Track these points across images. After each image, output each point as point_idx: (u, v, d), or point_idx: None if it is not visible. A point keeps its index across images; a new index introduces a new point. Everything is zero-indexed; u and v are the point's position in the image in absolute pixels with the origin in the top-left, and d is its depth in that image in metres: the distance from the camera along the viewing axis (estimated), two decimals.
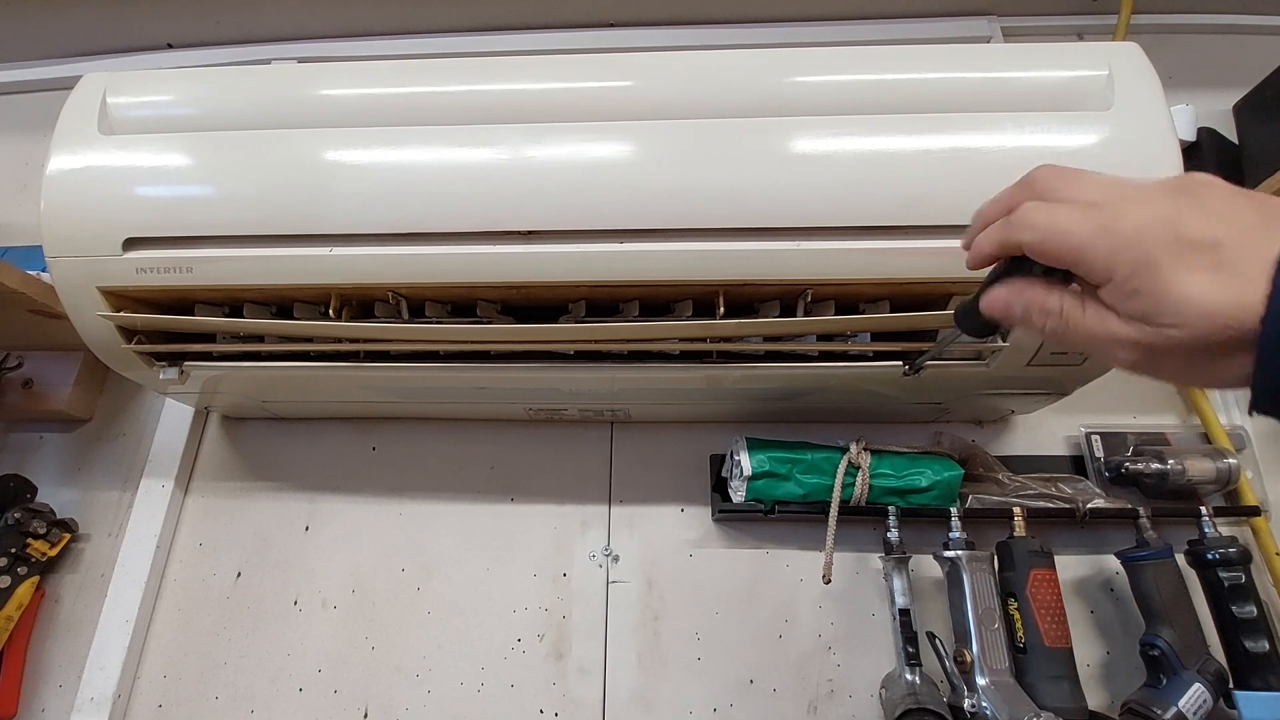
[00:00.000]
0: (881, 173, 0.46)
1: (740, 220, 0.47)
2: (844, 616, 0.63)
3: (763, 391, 0.62)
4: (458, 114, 0.51)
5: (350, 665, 0.65)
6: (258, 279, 0.51)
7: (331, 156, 0.50)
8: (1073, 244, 0.27)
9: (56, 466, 0.74)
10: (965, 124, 0.47)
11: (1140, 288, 0.26)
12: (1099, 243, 0.27)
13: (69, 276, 0.52)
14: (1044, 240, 0.28)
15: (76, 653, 0.66)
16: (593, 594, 0.66)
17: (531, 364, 0.56)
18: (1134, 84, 0.47)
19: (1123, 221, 0.26)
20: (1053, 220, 0.28)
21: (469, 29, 0.93)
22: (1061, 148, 0.46)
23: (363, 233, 0.49)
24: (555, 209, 0.48)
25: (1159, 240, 0.26)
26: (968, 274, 0.47)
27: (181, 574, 0.69)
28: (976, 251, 0.32)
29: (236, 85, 0.53)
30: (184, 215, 0.50)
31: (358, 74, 0.53)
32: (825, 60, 0.50)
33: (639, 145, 0.48)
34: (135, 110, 0.53)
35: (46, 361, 0.75)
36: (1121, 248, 0.26)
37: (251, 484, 0.73)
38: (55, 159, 0.51)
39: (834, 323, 0.49)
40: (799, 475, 0.61)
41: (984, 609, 0.56)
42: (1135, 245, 0.26)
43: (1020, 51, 0.50)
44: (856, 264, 0.47)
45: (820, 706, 0.61)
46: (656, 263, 0.48)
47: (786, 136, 0.47)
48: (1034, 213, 0.29)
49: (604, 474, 0.70)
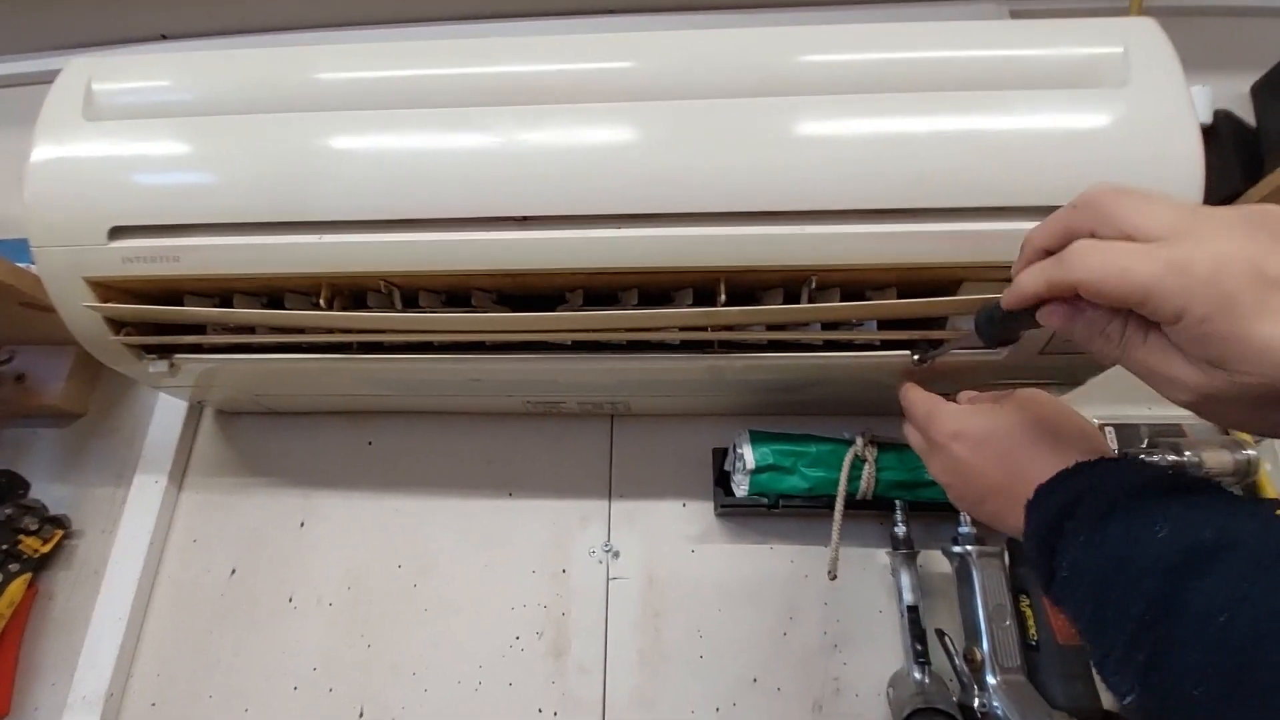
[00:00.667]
0: (888, 154, 0.45)
1: (742, 204, 0.46)
2: (850, 613, 0.62)
3: (766, 383, 0.60)
4: (450, 97, 0.49)
5: (346, 663, 0.64)
6: (246, 268, 0.50)
7: (321, 141, 0.48)
8: (1137, 285, 0.25)
9: (49, 462, 0.74)
10: (975, 103, 0.45)
11: (1216, 332, 0.24)
12: (1168, 282, 0.24)
13: (55, 267, 0.51)
14: (1102, 282, 0.26)
15: (69, 650, 0.65)
16: (592, 591, 0.64)
17: (528, 355, 0.54)
18: (1151, 60, 0.45)
19: (1196, 258, 0.24)
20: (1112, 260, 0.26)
21: (467, 17, 0.92)
22: (1076, 127, 0.44)
23: (353, 219, 0.48)
24: (551, 194, 0.46)
25: (1239, 280, 0.23)
26: (979, 258, 0.46)
27: (175, 571, 0.68)
28: (1019, 292, 0.30)
29: (224, 69, 0.52)
30: (170, 202, 0.49)
31: (348, 57, 0.52)
32: (830, 38, 0.48)
33: (637, 128, 0.47)
34: (121, 96, 0.51)
35: (39, 356, 0.74)
36: (1196, 287, 0.24)
37: (246, 480, 0.72)
38: (39, 147, 0.50)
39: (839, 309, 0.47)
40: (804, 469, 0.59)
41: (995, 605, 0.54)
42: (1212, 285, 0.24)
43: (1032, 28, 0.48)
44: (863, 249, 0.46)
45: (826, 705, 0.59)
46: (656, 248, 0.47)
47: (790, 117, 0.46)
48: (1091, 253, 0.26)
49: (604, 468, 0.69)
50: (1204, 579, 0.25)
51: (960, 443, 0.40)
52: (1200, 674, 0.24)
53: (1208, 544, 0.26)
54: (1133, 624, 0.26)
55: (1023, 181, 0.44)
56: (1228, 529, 0.26)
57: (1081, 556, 0.29)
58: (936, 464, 0.42)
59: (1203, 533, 0.26)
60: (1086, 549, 0.29)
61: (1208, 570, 0.25)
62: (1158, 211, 0.26)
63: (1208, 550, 0.26)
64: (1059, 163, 0.43)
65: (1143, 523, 0.28)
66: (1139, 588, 0.27)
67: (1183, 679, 0.25)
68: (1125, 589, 0.27)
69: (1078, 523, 0.30)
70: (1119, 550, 0.28)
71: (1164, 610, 0.26)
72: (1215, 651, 0.24)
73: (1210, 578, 0.25)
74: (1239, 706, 0.23)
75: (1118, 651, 0.27)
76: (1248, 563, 0.25)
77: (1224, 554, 0.25)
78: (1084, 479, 0.32)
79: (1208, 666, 0.24)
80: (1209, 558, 0.25)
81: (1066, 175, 0.43)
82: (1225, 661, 0.24)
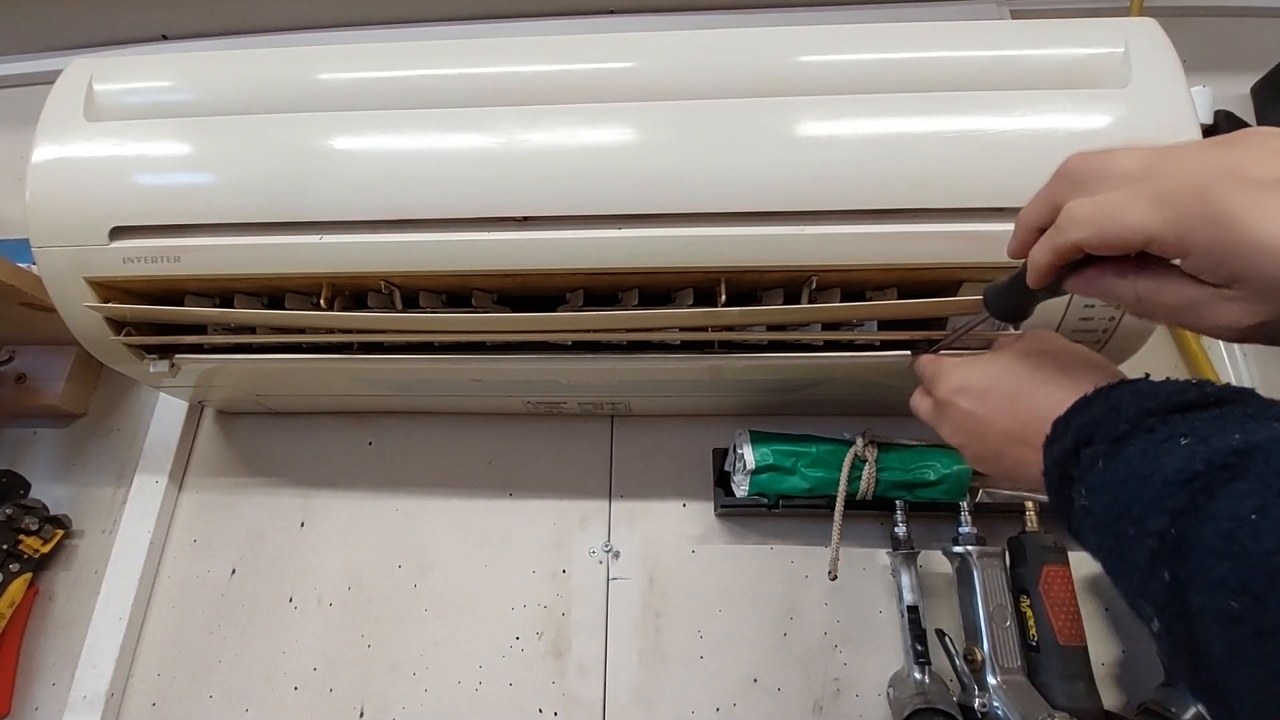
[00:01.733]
0: (889, 154, 0.45)
1: (743, 204, 0.46)
2: (850, 614, 0.62)
3: (766, 383, 0.60)
4: (451, 97, 0.49)
5: (346, 663, 0.64)
6: (247, 268, 0.50)
7: (322, 142, 0.48)
8: (1133, 226, 0.25)
9: (49, 462, 0.74)
10: (976, 103, 0.45)
11: (1220, 247, 0.23)
12: (1160, 215, 0.24)
13: (56, 267, 0.51)
14: (1100, 232, 0.26)
15: (70, 650, 0.65)
16: (593, 591, 0.64)
17: (529, 355, 0.54)
18: (1151, 60, 0.45)
19: (1178, 182, 0.24)
20: (1102, 209, 0.26)
21: (467, 17, 0.92)
22: (1077, 127, 0.44)
23: (354, 219, 0.48)
24: (551, 194, 0.47)
25: (1225, 189, 0.23)
26: (979, 258, 0.46)
27: (175, 571, 0.68)
28: (1035, 267, 0.30)
29: (225, 70, 0.52)
30: (171, 203, 0.49)
31: (349, 58, 0.52)
32: (830, 38, 0.48)
33: (637, 128, 0.47)
34: (122, 97, 0.51)
35: (40, 356, 0.74)
36: (1187, 210, 0.24)
37: (246, 480, 0.72)
38: (40, 147, 0.50)
39: (840, 310, 0.47)
40: (804, 469, 0.59)
41: (995, 606, 0.54)
42: (1201, 202, 0.24)
43: (1032, 28, 0.48)
44: (863, 249, 0.46)
45: (826, 706, 0.59)
46: (656, 249, 0.47)
47: (790, 117, 0.46)
48: (1080, 209, 0.27)
49: (604, 468, 0.69)
50: (1231, 484, 0.23)
51: (965, 396, 0.38)
52: (1230, 586, 0.22)
53: (1234, 448, 0.23)
54: (1154, 540, 0.24)
55: (1023, 182, 0.43)
56: (1256, 433, 0.24)
57: (1099, 480, 0.27)
58: (947, 426, 0.40)
59: (1229, 438, 0.24)
60: (1105, 473, 0.27)
61: (1235, 475, 0.23)
62: (1128, 156, 0.27)
63: (1235, 453, 0.23)
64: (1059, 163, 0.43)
65: (1164, 438, 0.26)
66: (1160, 502, 0.24)
67: (1212, 593, 0.22)
68: (1146, 505, 0.25)
69: (1094, 448, 0.28)
70: (1138, 467, 0.26)
71: (1188, 522, 0.23)
72: (1246, 558, 0.21)
73: (1238, 482, 0.23)
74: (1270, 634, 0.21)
75: (1139, 574, 0.25)
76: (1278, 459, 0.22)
77: (1252, 456, 0.23)
78: (1101, 404, 0.29)
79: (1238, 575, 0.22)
80: (1236, 461, 0.23)
81: None
82: (1258, 566, 0.21)
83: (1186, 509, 0.24)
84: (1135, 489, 0.26)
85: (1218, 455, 0.24)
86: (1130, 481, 0.26)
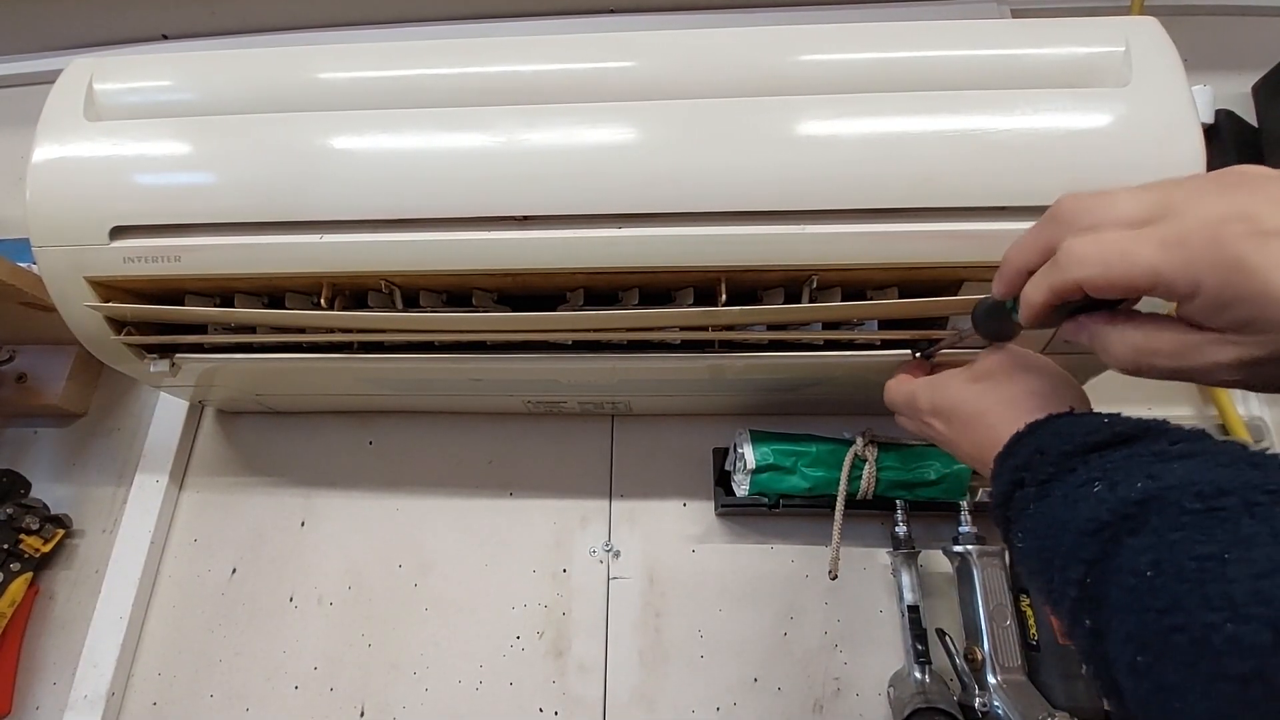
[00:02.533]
0: (889, 153, 0.45)
1: (743, 203, 0.45)
2: (851, 613, 0.62)
3: (766, 382, 0.60)
4: (451, 97, 0.49)
5: (346, 663, 0.64)
6: (247, 267, 0.50)
7: (322, 141, 0.48)
8: (1140, 267, 0.25)
9: (50, 462, 0.74)
10: (976, 102, 0.45)
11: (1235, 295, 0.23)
12: (1169, 256, 0.24)
13: (56, 266, 0.51)
14: (1106, 271, 0.26)
15: (71, 650, 0.65)
16: (593, 590, 0.64)
17: (529, 355, 0.54)
18: (1152, 59, 0.45)
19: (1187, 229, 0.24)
20: (1106, 249, 0.26)
21: (467, 17, 0.92)
22: (1077, 126, 0.44)
23: (354, 219, 0.48)
24: (551, 193, 0.46)
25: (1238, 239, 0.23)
26: (980, 258, 0.46)
27: (176, 570, 0.68)
28: (1029, 306, 0.30)
29: (226, 69, 0.52)
30: (171, 202, 0.49)
31: (349, 57, 0.52)
32: (830, 38, 0.48)
33: (637, 127, 0.46)
34: (122, 96, 0.51)
35: (40, 356, 0.74)
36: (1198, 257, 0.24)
37: (247, 479, 0.72)
38: (41, 147, 0.50)
39: (840, 309, 0.47)
40: (804, 468, 0.59)
41: (995, 605, 0.54)
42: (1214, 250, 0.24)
43: (1033, 27, 0.48)
44: (863, 248, 0.46)
45: (826, 705, 0.59)
46: (656, 248, 0.47)
47: (790, 116, 0.46)
48: (1082, 247, 0.27)
49: (604, 468, 0.69)
50: (1133, 536, 0.24)
51: (938, 418, 0.40)
52: (1135, 641, 0.23)
53: (1135, 498, 0.25)
54: (1075, 589, 0.26)
55: (1023, 181, 0.44)
56: (1158, 477, 0.25)
57: (1030, 524, 0.29)
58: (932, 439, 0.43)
59: (1134, 486, 0.25)
60: (1034, 517, 0.29)
61: (1136, 526, 0.24)
62: (1128, 198, 0.26)
63: (1136, 503, 0.25)
64: (1060, 162, 0.43)
65: (1080, 482, 0.27)
66: (1077, 552, 0.26)
67: (1122, 647, 0.23)
68: (1065, 554, 0.26)
69: (1025, 491, 0.30)
70: (1059, 514, 0.27)
71: (1100, 571, 0.25)
72: (1144, 614, 0.23)
73: (1138, 535, 0.24)
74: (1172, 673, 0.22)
75: (1067, 618, 0.26)
76: (1173, 522, 0.23)
77: (1149, 507, 0.24)
78: (1028, 445, 0.31)
79: (1141, 632, 0.23)
80: (1137, 512, 0.24)
81: (1067, 175, 0.43)
82: (1153, 624, 0.22)
83: (1098, 558, 0.25)
84: (1057, 537, 0.27)
85: (1121, 505, 0.25)
86: (1053, 528, 0.27)
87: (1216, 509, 0.23)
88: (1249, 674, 0.20)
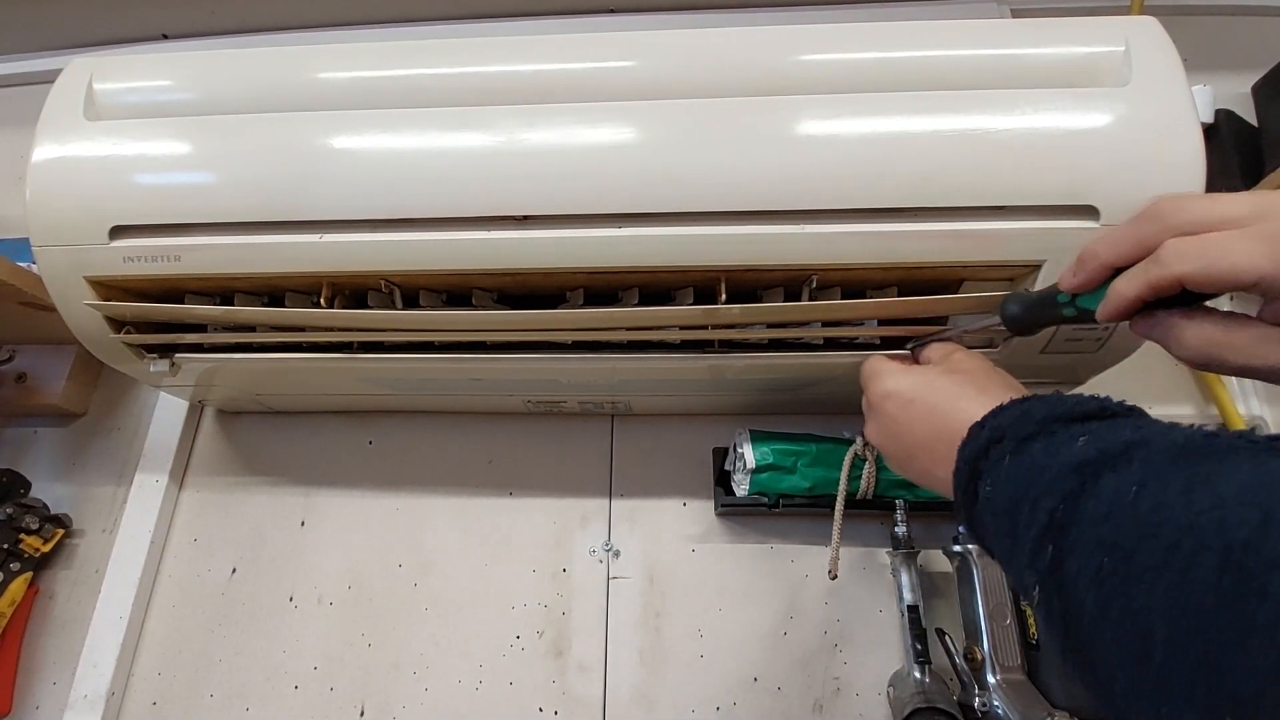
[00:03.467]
0: (889, 153, 0.45)
1: (743, 203, 0.45)
2: (851, 613, 0.62)
3: (766, 382, 0.60)
4: (451, 96, 0.49)
5: (346, 662, 0.64)
6: (247, 267, 0.50)
7: (322, 141, 0.48)
8: (1244, 264, 0.26)
9: (50, 462, 0.74)
10: (976, 102, 0.45)
11: None
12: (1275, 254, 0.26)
13: (55, 266, 0.51)
14: (1208, 268, 0.27)
15: (70, 649, 0.65)
16: (593, 590, 0.64)
17: (529, 354, 0.54)
18: (1152, 59, 0.45)
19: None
20: (1210, 247, 0.28)
21: (467, 17, 0.92)
22: (1077, 126, 0.44)
23: (354, 218, 0.48)
24: (551, 193, 0.46)
25: None
26: (980, 258, 0.46)
27: (176, 570, 0.68)
28: (1119, 298, 0.31)
29: (226, 69, 0.52)
30: (171, 202, 0.49)
31: (349, 57, 0.52)
32: (830, 38, 0.48)
33: (637, 127, 0.46)
34: (122, 96, 0.51)
35: (40, 355, 0.74)
36: None
37: (247, 479, 0.72)
38: (40, 147, 0.50)
39: (840, 308, 0.47)
40: (804, 468, 0.59)
41: (995, 605, 0.54)
42: None
43: (1032, 27, 0.48)
44: (863, 248, 0.46)
45: (826, 705, 0.59)
46: (656, 248, 0.47)
47: (791, 116, 0.46)
48: (1185, 245, 0.28)
49: (604, 468, 0.69)
50: (1115, 470, 0.26)
51: (891, 401, 0.41)
52: (1105, 545, 0.24)
53: (1124, 440, 0.26)
54: (1045, 516, 0.27)
55: (1023, 181, 0.44)
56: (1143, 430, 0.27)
57: (1004, 473, 0.30)
58: (873, 426, 0.43)
59: (1121, 435, 0.27)
60: (1010, 467, 0.30)
61: (1121, 462, 0.26)
62: (1231, 200, 0.28)
63: (1124, 444, 0.26)
64: (1060, 162, 0.43)
65: (1065, 439, 0.29)
66: (1054, 485, 0.27)
67: (1088, 557, 0.25)
68: (1041, 489, 0.27)
69: (1003, 445, 0.31)
70: (1039, 460, 0.29)
71: (1074, 501, 0.26)
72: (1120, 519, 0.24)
73: (1122, 468, 0.25)
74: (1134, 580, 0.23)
75: (1027, 548, 0.27)
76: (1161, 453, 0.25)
77: (1138, 448, 0.26)
78: (1013, 410, 0.32)
79: (1112, 535, 0.24)
80: (1123, 451, 0.26)
81: (1067, 174, 0.43)
82: (1129, 524, 0.24)
83: (1075, 491, 0.26)
84: (1034, 476, 0.28)
85: (1109, 446, 0.27)
86: (1031, 471, 0.29)
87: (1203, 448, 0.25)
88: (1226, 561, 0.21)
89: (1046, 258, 0.45)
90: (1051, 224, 0.44)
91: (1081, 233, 0.44)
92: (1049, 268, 0.45)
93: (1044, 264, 0.45)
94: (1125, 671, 0.23)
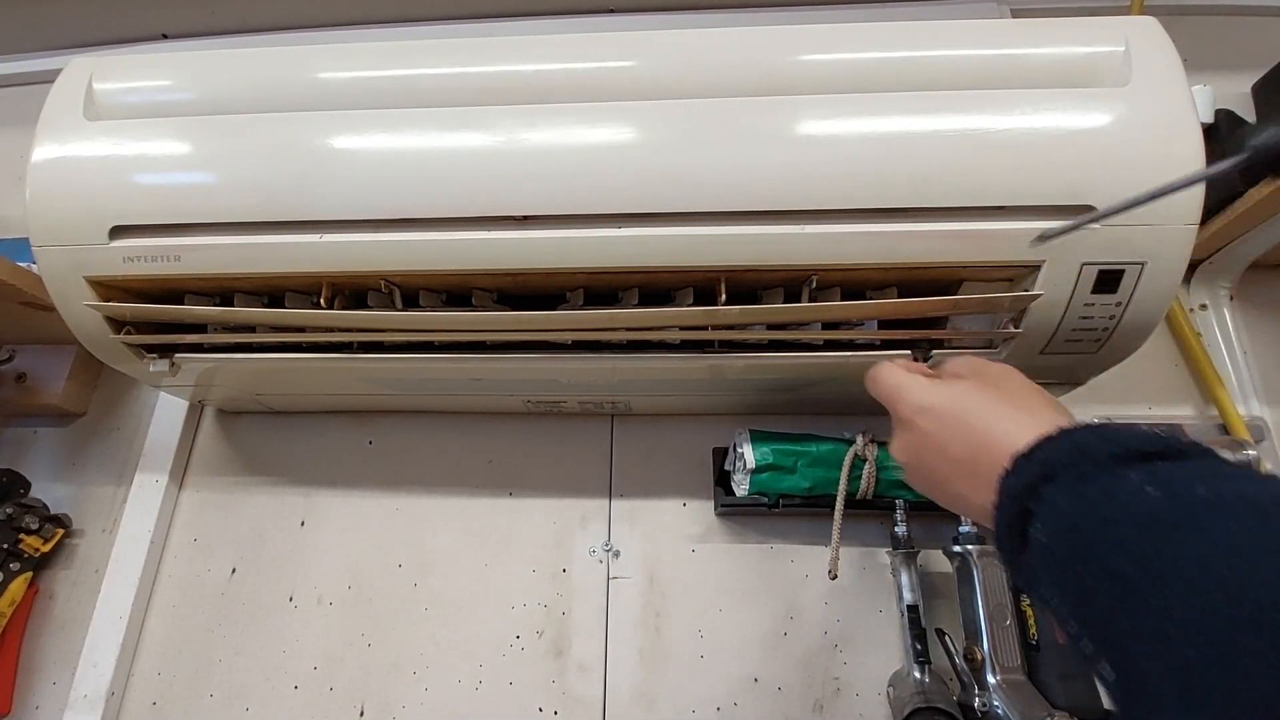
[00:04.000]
0: (889, 153, 0.45)
1: (743, 203, 0.46)
2: (851, 613, 0.62)
3: (766, 382, 0.60)
4: (451, 96, 0.49)
5: (346, 662, 0.64)
6: (247, 267, 0.50)
7: (321, 141, 0.48)
8: None
9: (50, 461, 0.74)
10: (976, 102, 0.45)
11: None
12: None
13: (55, 266, 0.51)
14: None
15: (70, 649, 0.65)
16: (593, 590, 0.64)
17: (529, 354, 0.54)
18: (1152, 59, 0.45)
19: None
20: None
21: (467, 17, 0.92)
22: (1077, 126, 0.44)
23: (354, 219, 0.48)
24: (551, 193, 0.46)
25: None
26: (979, 258, 0.46)
27: (176, 570, 0.68)
28: None
29: (225, 69, 0.52)
30: (171, 202, 0.49)
31: (349, 57, 0.52)
32: (830, 38, 0.48)
33: (637, 127, 0.46)
34: (122, 96, 0.51)
35: (40, 355, 0.74)
36: None
37: (247, 479, 0.72)
38: (40, 147, 0.50)
39: (840, 309, 0.47)
40: (804, 468, 0.59)
41: (995, 605, 0.54)
42: None
43: (1033, 27, 0.48)
44: (863, 248, 0.46)
45: (826, 705, 0.59)
46: (656, 248, 0.47)
47: (791, 116, 0.46)
48: None
49: (604, 468, 0.69)
50: (1199, 533, 0.23)
51: (927, 417, 0.37)
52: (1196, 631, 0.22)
53: (1200, 498, 0.24)
54: (1118, 587, 0.24)
55: (1023, 181, 0.44)
56: (1222, 486, 0.24)
57: (1061, 521, 0.27)
58: (901, 442, 0.40)
59: (1195, 488, 0.24)
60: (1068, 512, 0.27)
61: (1204, 524, 0.23)
62: None
63: (1202, 503, 0.24)
64: (1060, 162, 0.43)
65: (1131, 484, 0.26)
66: (1125, 547, 0.24)
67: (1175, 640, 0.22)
68: (1110, 549, 0.25)
69: (1057, 486, 0.28)
70: (1104, 510, 0.26)
71: (1154, 568, 0.24)
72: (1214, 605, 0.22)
73: (1206, 532, 0.23)
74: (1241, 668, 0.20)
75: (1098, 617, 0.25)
76: (1249, 514, 0.23)
77: (1220, 508, 0.23)
78: (1065, 443, 0.29)
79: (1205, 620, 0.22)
80: (1204, 512, 0.24)
81: (1067, 174, 0.43)
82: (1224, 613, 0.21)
83: (1153, 552, 0.24)
84: (1099, 533, 0.26)
85: (1186, 501, 0.24)
86: (1095, 524, 0.26)
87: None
88: None
89: (1046, 258, 0.45)
90: (1052, 224, 0.44)
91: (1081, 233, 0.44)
92: (1049, 268, 0.45)
93: (1044, 264, 0.45)
94: None
